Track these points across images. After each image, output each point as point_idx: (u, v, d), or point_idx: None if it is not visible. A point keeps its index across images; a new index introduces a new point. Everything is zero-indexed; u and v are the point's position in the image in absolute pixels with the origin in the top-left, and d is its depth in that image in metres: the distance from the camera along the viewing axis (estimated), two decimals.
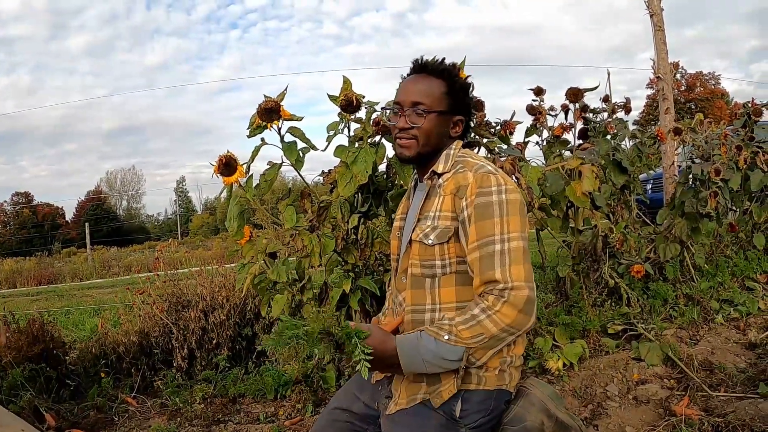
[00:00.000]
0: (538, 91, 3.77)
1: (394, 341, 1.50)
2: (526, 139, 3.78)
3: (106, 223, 41.62)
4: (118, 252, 21.18)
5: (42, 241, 35.49)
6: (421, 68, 1.71)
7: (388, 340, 1.50)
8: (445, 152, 1.69)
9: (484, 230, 1.50)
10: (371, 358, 1.40)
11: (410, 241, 1.66)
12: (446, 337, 1.44)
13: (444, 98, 1.67)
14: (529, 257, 1.52)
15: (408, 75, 1.74)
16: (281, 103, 2.35)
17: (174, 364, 3.53)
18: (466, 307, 1.49)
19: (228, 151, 2.25)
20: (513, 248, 1.47)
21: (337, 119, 2.69)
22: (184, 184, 54.37)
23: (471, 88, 1.78)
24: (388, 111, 2.06)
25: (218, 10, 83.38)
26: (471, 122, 1.81)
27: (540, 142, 3.90)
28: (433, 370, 1.49)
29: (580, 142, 3.72)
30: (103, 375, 3.51)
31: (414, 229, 1.65)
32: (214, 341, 3.57)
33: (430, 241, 1.59)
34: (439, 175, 1.67)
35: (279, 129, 2.44)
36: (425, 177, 1.71)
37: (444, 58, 1.72)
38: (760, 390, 2.66)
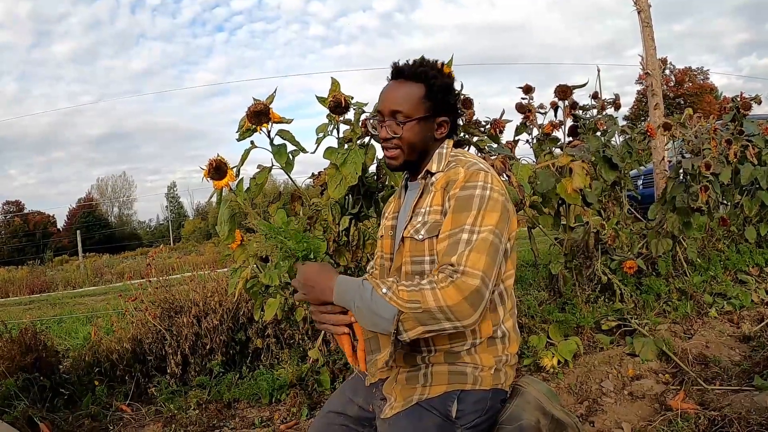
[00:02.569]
0: (527, 89, 3.78)
1: (335, 279, 1.47)
2: (516, 138, 3.80)
3: (98, 230, 41.48)
4: (111, 259, 21.17)
5: (34, 249, 35.35)
6: (398, 73, 1.67)
7: (330, 275, 1.48)
8: (437, 152, 1.68)
9: (458, 221, 1.47)
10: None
11: (402, 238, 1.65)
12: (384, 291, 1.38)
13: (422, 103, 1.63)
14: (497, 255, 1.45)
15: (388, 80, 1.71)
16: (270, 106, 2.34)
17: (168, 371, 3.50)
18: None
19: (218, 155, 2.24)
20: (480, 239, 1.42)
21: (326, 121, 2.68)
22: (175, 189, 54.24)
23: (457, 89, 1.75)
24: (372, 120, 2.04)
25: (203, 13, 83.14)
26: (458, 120, 1.78)
27: (530, 140, 3.91)
28: (362, 322, 1.43)
29: (570, 139, 3.73)
30: (97, 383, 3.49)
31: (406, 226, 1.64)
32: (208, 346, 3.55)
33: (420, 236, 1.57)
34: (433, 174, 1.65)
35: (268, 132, 2.43)
36: (419, 177, 1.69)
37: (422, 59, 1.68)
38: (755, 382, 2.66)
